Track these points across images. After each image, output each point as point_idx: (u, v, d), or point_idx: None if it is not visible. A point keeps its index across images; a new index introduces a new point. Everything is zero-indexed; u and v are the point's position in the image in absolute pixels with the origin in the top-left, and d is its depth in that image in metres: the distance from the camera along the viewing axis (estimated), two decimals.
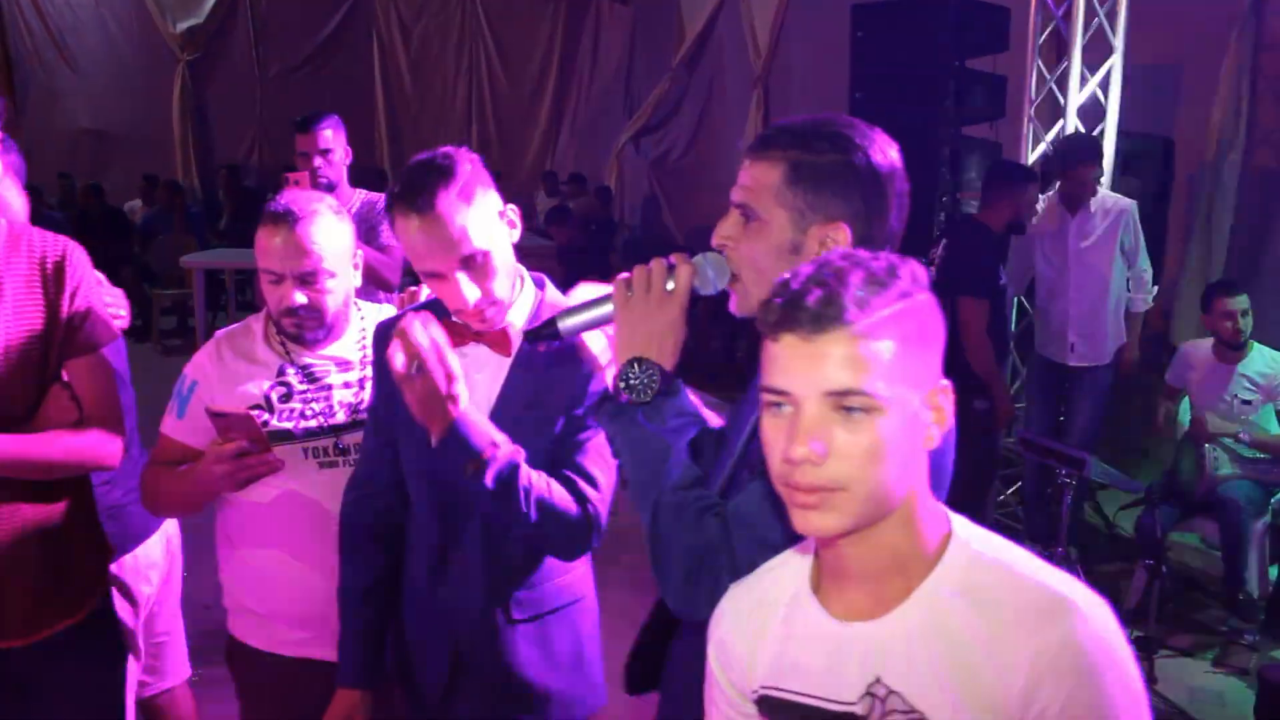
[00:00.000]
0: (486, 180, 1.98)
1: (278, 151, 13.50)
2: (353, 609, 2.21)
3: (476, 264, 1.94)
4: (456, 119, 14.57)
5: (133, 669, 2.91)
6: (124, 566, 2.89)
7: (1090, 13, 5.79)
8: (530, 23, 14.96)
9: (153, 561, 2.98)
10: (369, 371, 2.39)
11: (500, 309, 2.01)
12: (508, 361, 2.07)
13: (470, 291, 1.94)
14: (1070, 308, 5.44)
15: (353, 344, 2.46)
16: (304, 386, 2.38)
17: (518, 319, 2.08)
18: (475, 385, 2.01)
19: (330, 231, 2.30)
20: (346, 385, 2.42)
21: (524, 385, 2.05)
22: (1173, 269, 6.38)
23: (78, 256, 2.24)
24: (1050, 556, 4.93)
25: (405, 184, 1.92)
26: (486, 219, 1.96)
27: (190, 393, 2.40)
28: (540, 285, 2.16)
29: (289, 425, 2.35)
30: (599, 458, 2.06)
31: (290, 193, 2.35)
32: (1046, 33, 6.01)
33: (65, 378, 2.25)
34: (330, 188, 4.51)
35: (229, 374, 2.39)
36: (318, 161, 4.56)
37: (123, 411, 2.35)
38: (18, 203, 2.64)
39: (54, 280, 2.20)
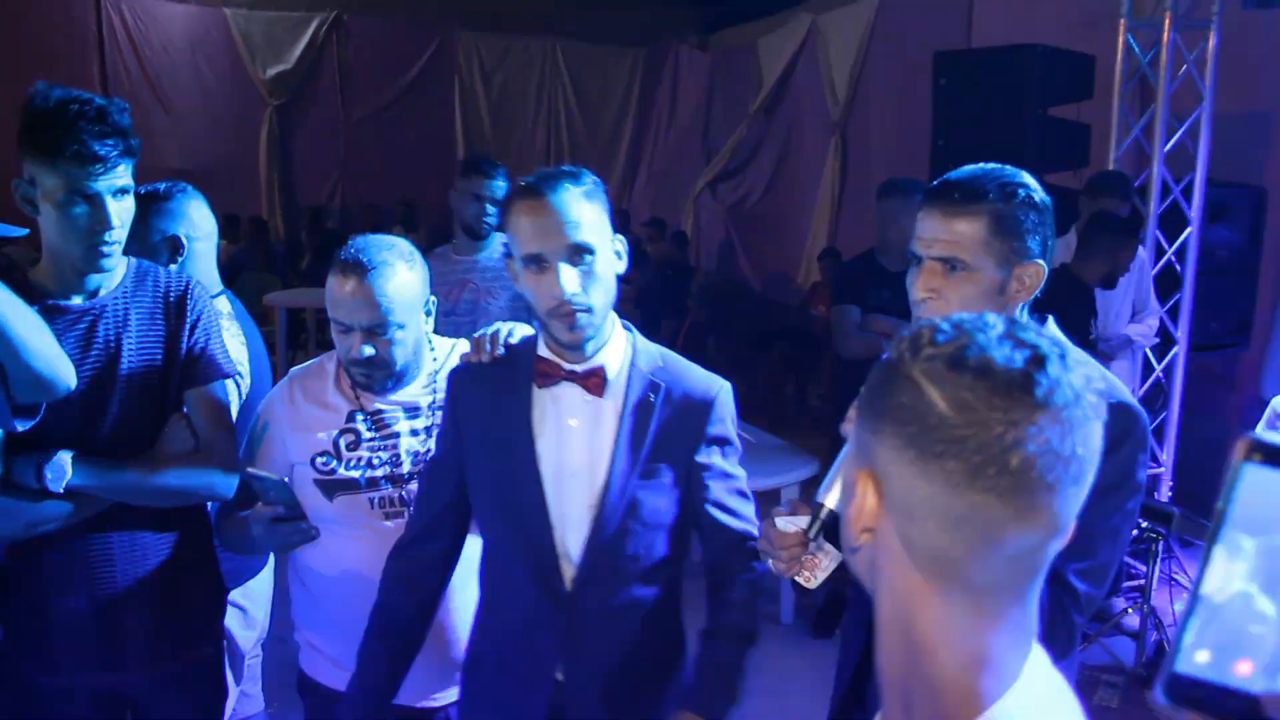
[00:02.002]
0: (606, 202, 2.02)
1: (360, 194, 13.75)
2: (371, 652, 2.17)
3: (582, 258, 1.94)
4: (536, 163, 14.73)
5: (233, 694, 2.96)
6: (248, 592, 2.97)
7: (1178, 60, 5.71)
8: (609, 69, 15.14)
9: (265, 590, 3.08)
10: (438, 417, 2.38)
11: (591, 322, 1.98)
12: (601, 404, 2.04)
13: (569, 281, 1.92)
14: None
15: (422, 388, 2.44)
16: (371, 435, 2.37)
17: (613, 361, 2.06)
18: (568, 431, 2.01)
19: (401, 283, 2.29)
20: (414, 433, 2.41)
21: (644, 434, 2.03)
22: (1264, 320, 6.22)
23: (199, 292, 2.35)
24: (1141, 613, 4.83)
25: (533, 178, 1.96)
26: (601, 225, 1.97)
27: (264, 433, 2.42)
28: (629, 330, 2.15)
29: (356, 474, 2.35)
30: (736, 493, 2.11)
31: (364, 239, 2.34)
32: (1134, 80, 5.94)
33: (184, 409, 2.32)
34: (486, 236, 4.51)
35: (300, 419, 2.39)
36: (490, 209, 4.50)
37: (238, 444, 2.41)
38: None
39: (175, 314, 2.31)
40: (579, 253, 1.93)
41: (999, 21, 8.18)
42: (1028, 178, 1.88)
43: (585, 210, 1.94)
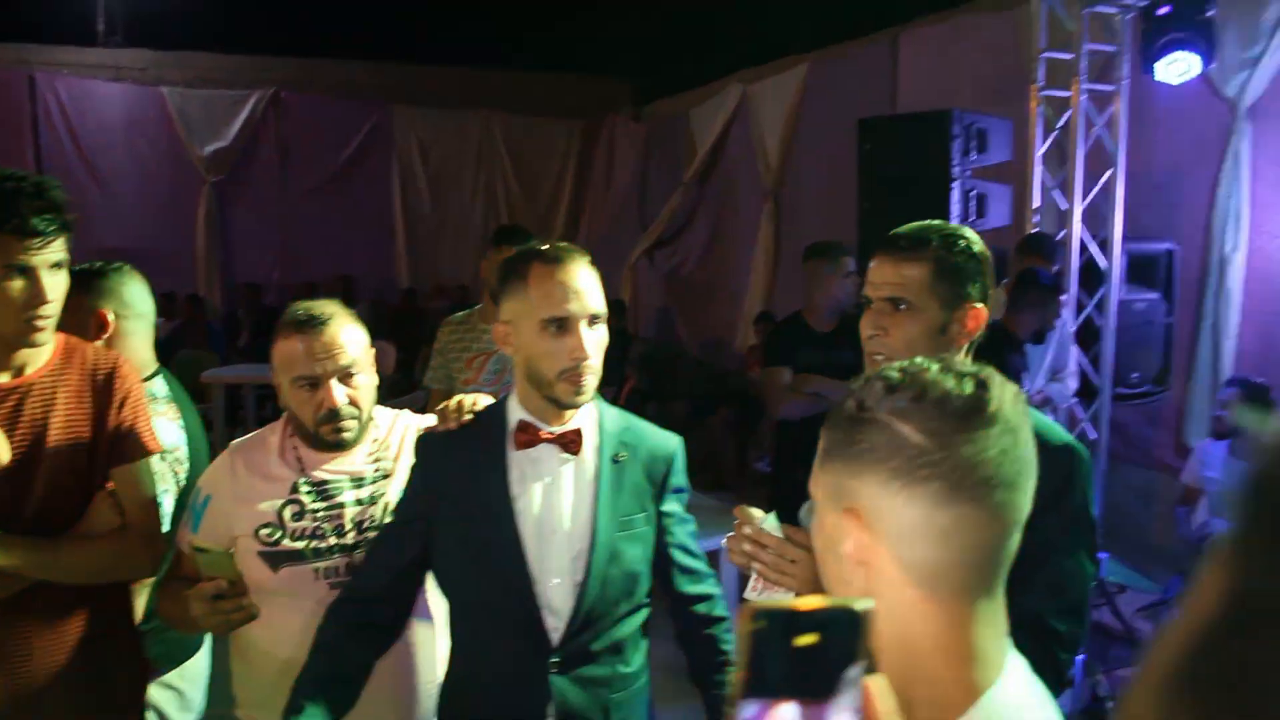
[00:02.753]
0: None
1: (299, 269, 13.74)
2: (304, 695, 2.07)
3: (597, 324, 2.07)
4: (474, 236, 14.82)
5: None
6: (184, 673, 2.93)
7: (1089, 123, 5.94)
8: (546, 140, 15.33)
9: (201, 670, 3.03)
10: (381, 485, 2.42)
11: (592, 384, 2.08)
12: (578, 463, 2.14)
13: (591, 344, 2.04)
14: None
15: (367, 455, 2.45)
16: (316, 505, 2.37)
17: (587, 423, 2.16)
18: (548, 490, 2.11)
19: (357, 333, 2.37)
20: (359, 502, 2.41)
21: (619, 500, 2.15)
22: (1181, 371, 6.42)
23: (126, 370, 2.35)
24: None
25: (547, 248, 2.08)
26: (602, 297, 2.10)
27: (204, 506, 2.40)
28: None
29: (301, 545, 2.34)
30: (691, 535, 2.29)
31: (301, 304, 2.38)
32: (1048, 143, 6.16)
33: (109, 486, 2.32)
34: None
35: (242, 491, 2.38)
36: None
37: (162, 522, 2.41)
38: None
39: (103, 392, 2.31)
40: (595, 319, 2.06)
41: (923, 87, 8.45)
42: (969, 231, 2.06)
43: (597, 283, 2.09)
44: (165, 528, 2.48)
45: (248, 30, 15.10)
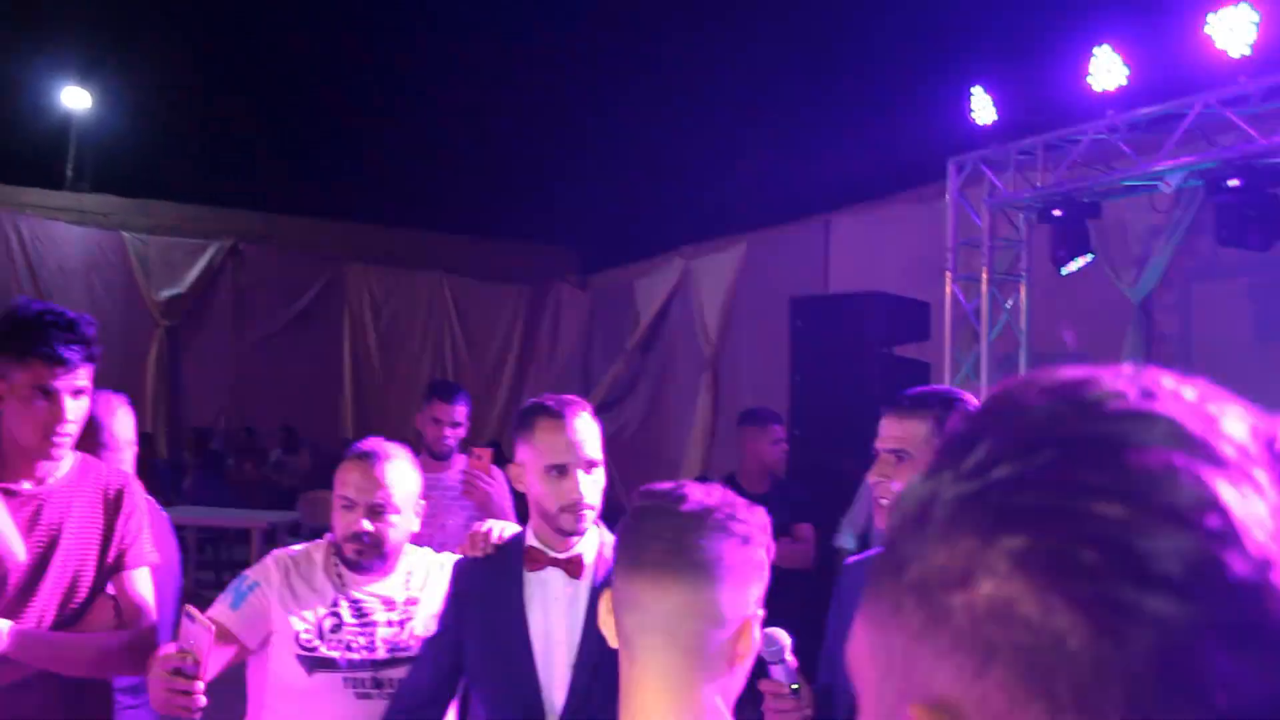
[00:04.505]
0: None
1: (246, 417, 13.94)
2: None
3: (595, 470, 2.39)
4: (419, 392, 15.04)
5: None
6: None
7: (996, 308, 6.50)
8: (494, 304, 15.77)
9: None
10: (410, 611, 2.72)
11: (591, 518, 2.40)
12: (579, 584, 2.43)
13: (589, 489, 2.37)
14: None
15: (399, 584, 2.74)
16: (352, 620, 2.64)
17: (589, 549, 2.45)
18: (553, 607, 2.41)
19: (403, 475, 2.68)
20: (390, 624, 2.67)
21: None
22: None
23: (134, 488, 2.67)
24: None
25: (552, 402, 2.42)
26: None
27: (250, 590, 2.63)
28: (599, 525, 2.54)
29: (335, 655, 2.60)
30: None
31: (375, 439, 2.75)
32: (962, 324, 6.70)
33: (110, 590, 2.59)
34: (447, 456, 4.66)
35: (291, 590, 2.65)
36: (447, 431, 4.67)
37: (157, 627, 2.66)
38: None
39: (113, 508, 2.61)
40: (592, 465, 2.39)
41: (851, 269, 9.02)
42: (967, 395, 2.34)
43: (595, 432, 2.43)
44: None
45: (211, 182, 15.60)
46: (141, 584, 2.63)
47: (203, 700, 2.23)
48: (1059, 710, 0.44)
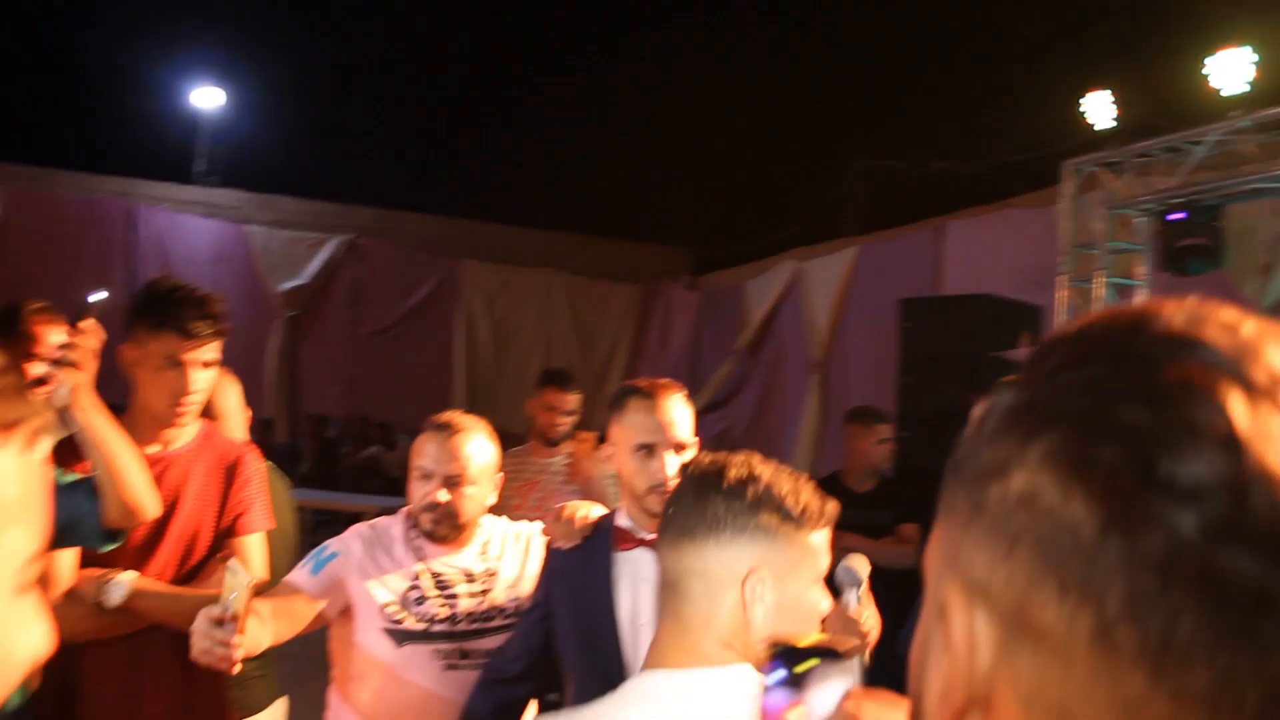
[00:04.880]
0: None
1: (360, 405, 14.29)
2: None
3: (684, 453, 2.43)
4: (530, 387, 15.25)
5: None
6: None
7: None
8: (605, 302, 15.97)
9: None
10: (490, 582, 2.76)
11: None
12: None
13: (674, 468, 2.40)
14: None
15: (477, 555, 2.77)
16: (435, 593, 2.67)
17: None
18: (640, 588, 2.43)
19: (480, 447, 2.70)
20: (471, 595, 2.71)
21: None
22: None
23: (252, 458, 2.80)
24: None
25: (644, 384, 2.49)
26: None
27: (329, 559, 2.67)
28: None
29: (421, 627, 2.64)
30: None
31: (454, 412, 2.78)
32: None
33: (225, 554, 2.69)
34: (558, 442, 4.73)
35: (371, 561, 2.69)
36: (559, 418, 4.73)
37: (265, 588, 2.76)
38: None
39: (231, 475, 2.75)
40: (681, 447, 2.44)
41: (965, 273, 8.92)
42: None
43: (687, 415, 2.48)
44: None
45: (333, 178, 16.04)
46: (254, 549, 2.75)
47: (239, 653, 2.20)
48: (1067, 592, 0.49)
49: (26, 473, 0.76)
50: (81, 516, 2.36)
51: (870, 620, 2.18)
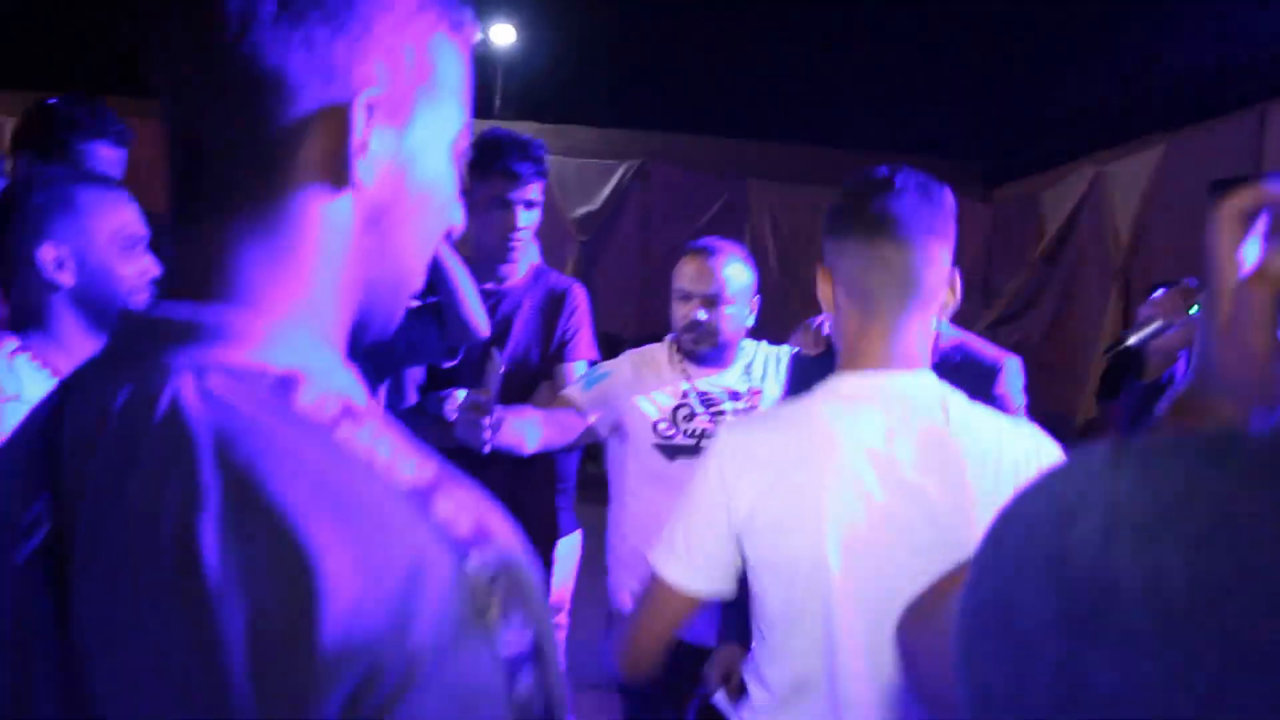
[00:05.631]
0: None
1: (651, 324, 14.69)
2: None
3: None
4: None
5: None
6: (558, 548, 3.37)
7: None
8: None
9: (572, 549, 3.40)
10: (754, 401, 2.91)
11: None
12: None
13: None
14: None
15: (740, 375, 2.94)
16: (702, 409, 2.86)
17: None
18: None
19: (736, 270, 2.87)
20: (736, 413, 2.88)
21: None
22: None
23: (578, 290, 3.08)
24: None
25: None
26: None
27: (601, 378, 2.91)
28: None
29: (692, 442, 2.83)
30: None
31: (711, 237, 2.97)
32: None
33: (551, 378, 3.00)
34: None
35: (641, 379, 2.92)
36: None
37: (585, 410, 3.01)
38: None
39: (557, 308, 3.04)
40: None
41: None
42: None
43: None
44: None
45: (621, 105, 16.41)
46: (574, 374, 3.00)
47: (490, 434, 2.45)
48: None
49: None
50: (425, 336, 2.68)
51: None
